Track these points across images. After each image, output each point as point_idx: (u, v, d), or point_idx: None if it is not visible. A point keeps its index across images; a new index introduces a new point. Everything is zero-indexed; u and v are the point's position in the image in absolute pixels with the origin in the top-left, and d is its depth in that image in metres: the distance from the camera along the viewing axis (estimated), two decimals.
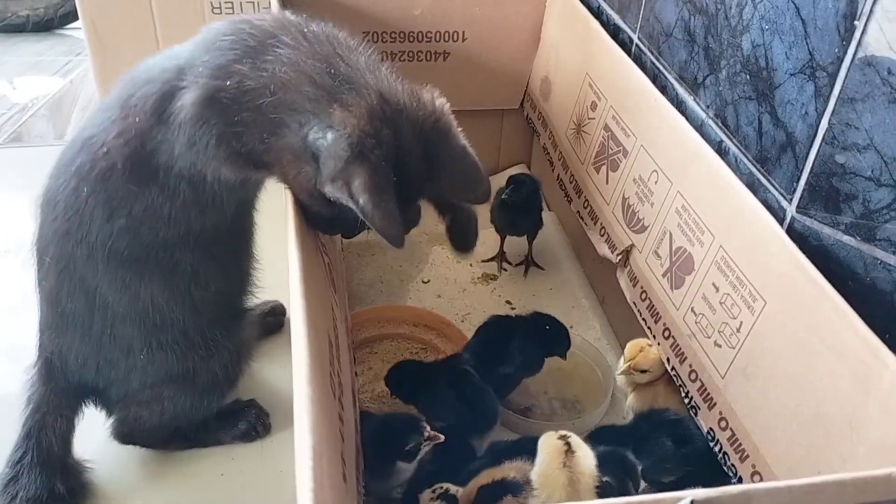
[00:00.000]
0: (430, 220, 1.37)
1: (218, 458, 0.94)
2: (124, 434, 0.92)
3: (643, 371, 0.90)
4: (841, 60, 0.66)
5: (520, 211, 1.22)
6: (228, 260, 0.86)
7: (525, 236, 1.28)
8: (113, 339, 0.84)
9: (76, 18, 1.90)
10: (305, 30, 0.72)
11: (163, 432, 0.91)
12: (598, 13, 1.17)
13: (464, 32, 1.30)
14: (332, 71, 0.69)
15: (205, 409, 0.91)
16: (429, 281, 1.24)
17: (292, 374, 0.55)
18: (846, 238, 0.69)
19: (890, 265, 0.65)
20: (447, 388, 0.91)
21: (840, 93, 0.66)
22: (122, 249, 0.78)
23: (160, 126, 0.72)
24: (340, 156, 0.65)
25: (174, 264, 0.80)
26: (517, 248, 1.30)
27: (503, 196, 1.19)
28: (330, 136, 0.66)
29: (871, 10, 0.62)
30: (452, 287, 1.24)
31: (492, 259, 1.29)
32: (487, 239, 1.28)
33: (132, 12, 1.39)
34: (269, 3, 1.21)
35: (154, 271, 0.80)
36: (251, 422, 0.96)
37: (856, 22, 0.64)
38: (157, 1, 1.38)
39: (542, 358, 1.00)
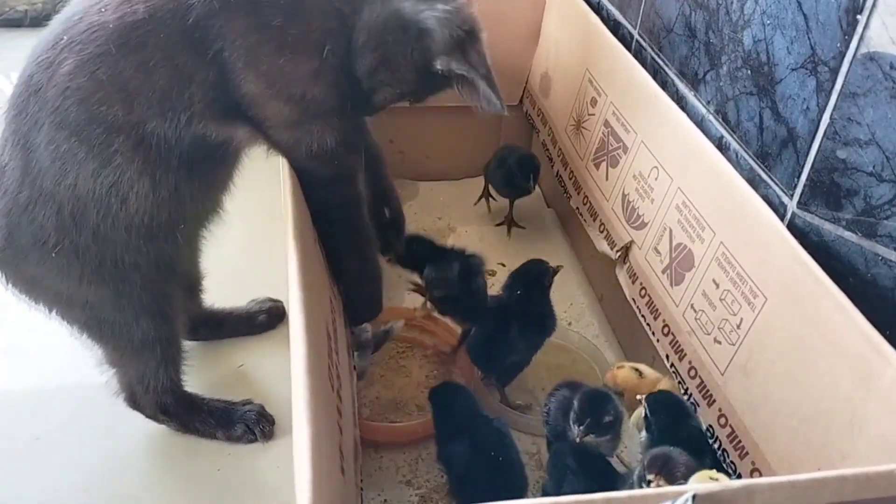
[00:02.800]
0: (428, 217, 1.38)
1: (215, 454, 0.94)
2: (122, 389, 0.93)
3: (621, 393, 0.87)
4: (843, 55, 0.65)
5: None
6: (170, 190, 0.78)
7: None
8: (31, 221, 0.77)
9: None
10: None
11: (146, 388, 0.90)
12: (598, 9, 1.16)
13: None
14: None
15: (134, 338, 0.86)
16: None
17: (290, 366, 0.54)
18: (847, 234, 0.68)
19: (891, 261, 0.64)
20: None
21: (842, 88, 0.66)
22: (71, 110, 0.72)
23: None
24: (459, 29, 0.74)
25: (110, 155, 0.74)
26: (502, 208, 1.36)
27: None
28: (441, 7, 0.73)
29: (873, 5, 0.62)
30: None
31: (501, 224, 1.35)
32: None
33: None
34: None
35: (88, 153, 0.73)
36: (249, 425, 0.95)
37: (858, 16, 0.63)
38: None
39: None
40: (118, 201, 0.75)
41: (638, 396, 0.79)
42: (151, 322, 0.85)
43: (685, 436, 0.75)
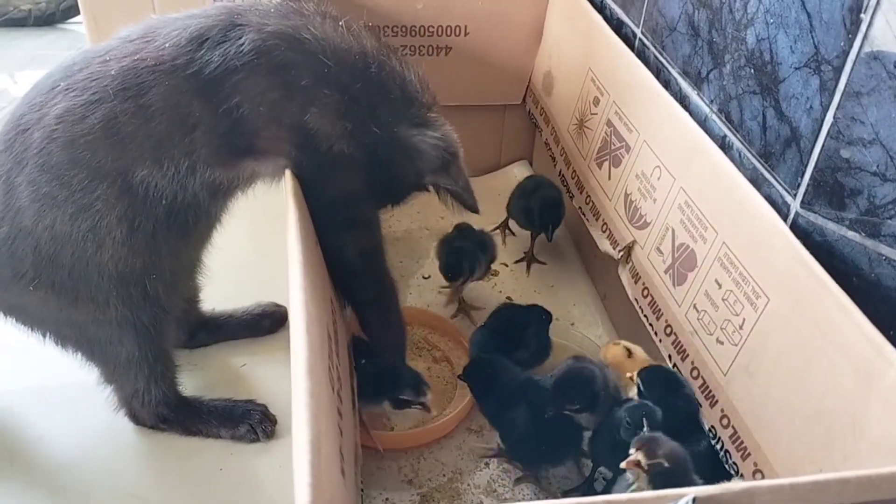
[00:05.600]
0: (432, 216, 1.38)
1: (217, 453, 0.94)
2: (121, 405, 0.94)
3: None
4: (846, 54, 0.65)
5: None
6: (147, 239, 0.79)
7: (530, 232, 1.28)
8: (11, 255, 0.79)
9: (78, 13, 1.89)
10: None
11: (142, 403, 0.91)
12: (601, 8, 1.16)
13: (466, 27, 1.29)
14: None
15: (149, 370, 0.89)
16: (430, 277, 1.23)
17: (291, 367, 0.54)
18: (851, 234, 0.68)
19: (895, 261, 0.64)
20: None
21: (845, 87, 0.65)
22: (55, 153, 0.73)
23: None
24: (446, 152, 0.83)
25: (91, 201, 0.75)
26: (519, 245, 1.30)
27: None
28: (431, 134, 0.82)
29: (877, 3, 0.61)
30: None
31: (496, 229, 1.32)
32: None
33: (133, 7, 1.38)
34: None
35: (69, 197, 0.74)
36: (253, 425, 0.95)
37: (862, 15, 0.63)
38: (160, 2, 1.38)
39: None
40: (94, 245, 0.77)
41: (628, 374, 0.82)
42: (135, 342, 0.86)
43: (680, 405, 0.78)
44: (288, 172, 0.76)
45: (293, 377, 0.53)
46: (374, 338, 0.91)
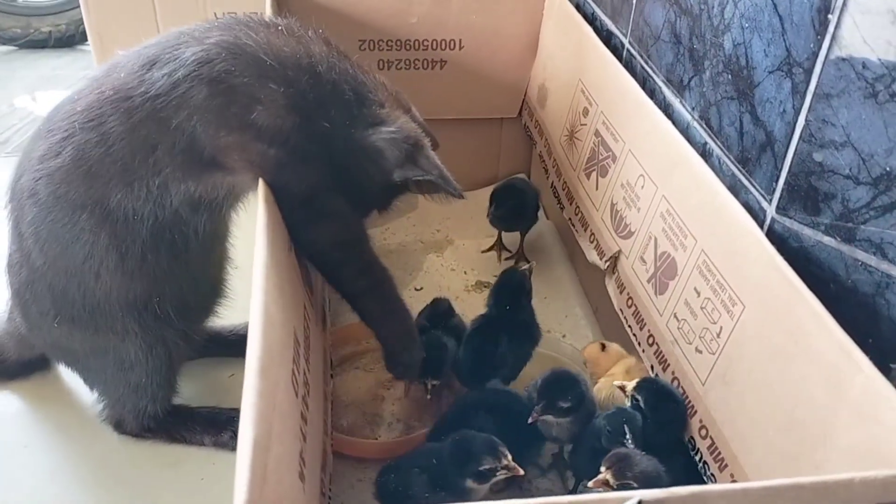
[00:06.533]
0: (427, 229, 1.38)
1: (199, 462, 0.94)
2: (110, 416, 0.95)
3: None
4: (816, 56, 0.64)
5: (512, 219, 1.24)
6: (138, 263, 0.81)
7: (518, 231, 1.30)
8: (34, 297, 0.84)
9: None
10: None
11: (137, 414, 0.92)
12: (591, 19, 1.16)
13: (461, 40, 1.30)
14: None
15: (154, 391, 0.90)
16: (422, 288, 1.23)
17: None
18: (826, 239, 0.67)
19: (871, 267, 0.62)
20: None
21: (815, 89, 0.64)
22: (41, 192, 0.77)
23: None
24: (405, 144, 0.80)
25: (77, 232, 0.78)
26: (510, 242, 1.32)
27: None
28: (386, 130, 0.79)
29: (843, 4, 0.60)
30: (445, 295, 1.21)
31: (490, 249, 1.31)
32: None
33: (138, 26, 1.41)
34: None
35: (61, 231, 0.78)
36: (236, 431, 0.94)
37: (829, 16, 0.62)
38: (163, 15, 1.40)
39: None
40: (92, 275, 0.80)
41: (616, 383, 0.81)
42: (148, 369, 0.88)
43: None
44: (261, 179, 0.76)
45: (245, 378, 0.53)
46: (377, 330, 0.87)
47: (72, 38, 2.36)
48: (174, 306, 0.86)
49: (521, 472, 0.75)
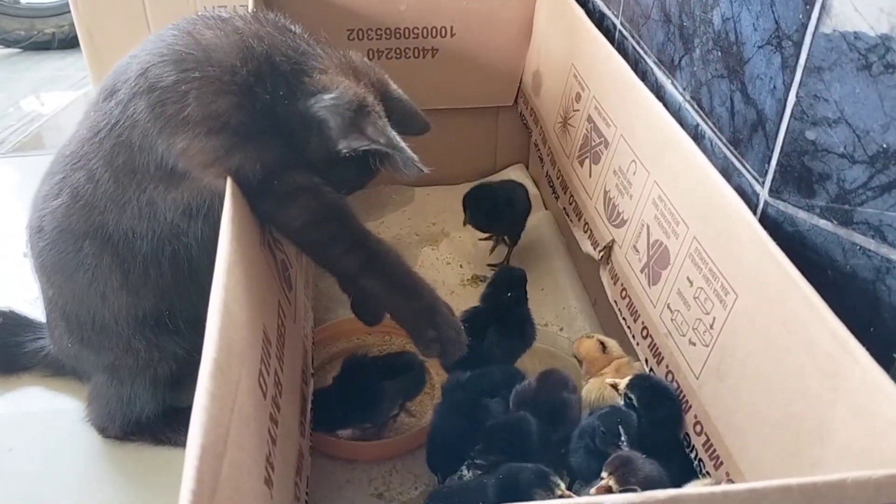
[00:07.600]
0: (422, 222, 1.35)
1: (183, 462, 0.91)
2: (96, 420, 0.94)
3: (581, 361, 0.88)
4: (805, 27, 0.60)
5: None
6: (142, 279, 0.82)
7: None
8: (55, 324, 0.90)
9: None
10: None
11: (123, 423, 0.92)
12: (584, 1, 1.12)
13: (452, 27, 1.26)
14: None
15: (143, 404, 0.91)
16: None
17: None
18: (822, 222, 0.63)
19: (870, 251, 0.59)
20: None
21: (806, 62, 0.60)
22: (47, 228, 0.82)
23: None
24: (347, 110, 0.73)
25: (81, 259, 0.81)
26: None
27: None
28: (325, 97, 0.73)
29: None
30: (441, 289, 1.19)
31: (488, 238, 1.26)
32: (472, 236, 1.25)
33: (128, 24, 1.40)
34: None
35: (67, 261, 0.82)
36: None
37: None
38: (153, 12, 1.39)
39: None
40: (98, 297, 0.83)
41: (608, 380, 0.78)
42: (150, 388, 0.91)
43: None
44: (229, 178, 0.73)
45: (199, 379, 0.50)
46: (389, 311, 0.77)
47: (75, 40, 2.34)
48: (185, 318, 0.86)
49: (575, 498, 0.66)
